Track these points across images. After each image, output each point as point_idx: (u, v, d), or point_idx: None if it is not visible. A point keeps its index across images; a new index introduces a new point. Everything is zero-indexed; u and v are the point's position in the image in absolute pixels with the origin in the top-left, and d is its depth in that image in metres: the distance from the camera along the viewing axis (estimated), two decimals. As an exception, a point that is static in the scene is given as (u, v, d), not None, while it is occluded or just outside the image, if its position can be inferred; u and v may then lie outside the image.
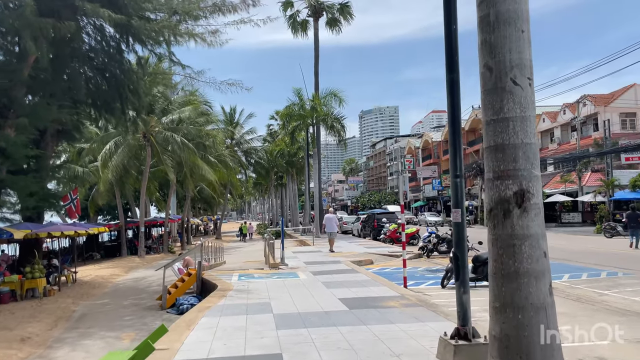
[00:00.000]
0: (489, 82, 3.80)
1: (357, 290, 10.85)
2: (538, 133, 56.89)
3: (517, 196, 3.65)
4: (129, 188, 33.16)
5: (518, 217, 3.65)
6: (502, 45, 3.72)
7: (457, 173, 5.65)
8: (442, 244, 19.68)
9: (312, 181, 40.94)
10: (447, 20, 5.68)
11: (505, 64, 3.72)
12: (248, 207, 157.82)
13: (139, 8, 16.58)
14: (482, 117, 3.90)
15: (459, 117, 5.74)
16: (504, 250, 3.69)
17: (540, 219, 3.71)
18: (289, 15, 39.69)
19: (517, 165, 3.69)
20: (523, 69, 3.71)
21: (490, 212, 3.82)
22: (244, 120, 50.66)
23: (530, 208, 3.65)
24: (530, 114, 3.72)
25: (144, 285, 18.64)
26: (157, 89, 27.06)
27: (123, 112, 19.67)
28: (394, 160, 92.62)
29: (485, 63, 3.81)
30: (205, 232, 65.06)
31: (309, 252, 22.42)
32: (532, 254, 3.63)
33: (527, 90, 3.72)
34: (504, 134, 3.72)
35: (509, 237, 3.68)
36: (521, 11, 3.72)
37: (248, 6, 17.03)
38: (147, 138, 28.05)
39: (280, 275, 14.15)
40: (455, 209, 5.66)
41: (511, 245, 3.66)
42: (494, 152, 3.79)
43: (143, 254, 29.15)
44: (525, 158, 3.69)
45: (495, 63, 3.75)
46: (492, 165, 3.79)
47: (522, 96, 3.70)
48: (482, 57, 3.86)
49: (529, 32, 3.74)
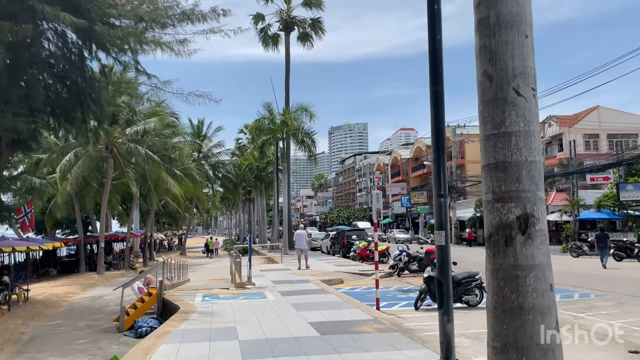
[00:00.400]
0: (488, 92, 3.39)
1: (328, 313, 10.33)
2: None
3: (521, 221, 3.23)
4: (89, 201, 31.86)
5: (522, 244, 3.22)
6: (503, 51, 3.33)
7: (441, 192, 5.24)
8: (413, 262, 19.37)
9: (282, 196, 40.34)
10: (431, 29, 5.31)
11: (508, 72, 3.33)
12: (214, 222, 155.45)
13: (103, 14, 15.88)
14: (480, 131, 3.49)
15: (444, 132, 5.36)
16: (505, 283, 3.25)
17: (546, 247, 3.30)
18: (260, 28, 39.41)
19: (520, 186, 3.27)
20: (527, 78, 3.33)
21: (490, 238, 3.38)
22: (212, 134, 49.82)
23: (535, 235, 3.24)
24: (534, 128, 3.33)
25: (101, 304, 17.74)
26: (121, 98, 26.17)
27: (84, 121, 18.78)
28: (363, 176, 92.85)
29: (485, 71, 3.41)
30: (169, 247, 63.48)
31: (277, 270, 21.77)
32: (538, 287, 3.21)
33: (531, 102, 3.33)
34: (505, 150, 3.31)
35: (511, 267, 3.25)
36: (524, 14, 3.35)
37: (218, 16, 16.52)
38: (110, 149, 27.05)
39: (246, 296, 13.49)
40: (439, 231, 5.23)
41: (514, 277, 3.22)
42: (494, 170, 3.37)
43: (102, 271, 27.92)
44: (530, 178, 3.28)
45: (495, 71, 3.36)
46: (492, 185, 3.37)
47: (526, 108, 3.32)
48: (480, 64, 3.47)
49: (532, 38, 3.37)
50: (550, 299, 3.24)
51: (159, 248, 57.96)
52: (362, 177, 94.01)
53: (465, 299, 11.97)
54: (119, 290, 13.40)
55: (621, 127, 45.26)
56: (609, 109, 47.27)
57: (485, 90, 3.41)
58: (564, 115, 47.30)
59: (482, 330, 9.27)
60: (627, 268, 20.97)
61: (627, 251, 24.34)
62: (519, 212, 3.25)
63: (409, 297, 13.55)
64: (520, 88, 3.30)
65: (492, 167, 3.39)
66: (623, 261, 23.79)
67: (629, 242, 25.32)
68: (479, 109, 3.47)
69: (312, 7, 38.38)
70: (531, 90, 3.33)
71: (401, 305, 12.50)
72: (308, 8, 38.54)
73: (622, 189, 30.29)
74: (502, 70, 3.34)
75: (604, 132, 46.76)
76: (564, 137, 46.29)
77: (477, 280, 12.11)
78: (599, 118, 46.09)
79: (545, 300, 3.21)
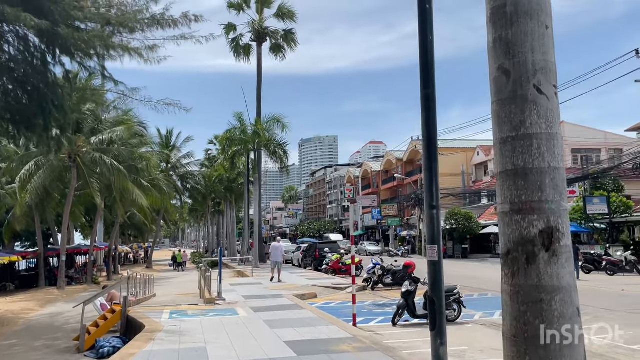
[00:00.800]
0: (505, 90, 3.02)
1: (304, 331, 9.82)
2: (472, 166, 58.77)
3: (544, 236, 2.84)
4: (50, 213, 30.57)
5: (546, 263, 2.83)
6: (522, 43, 2.97)
7: (433, 203, 4.85)
8: (387, 275, 19.00)
9: (252, 208, 39.62)
10: (422, 29, 4.97)
11: (527, 67, 2.97)
12: (182, 234, 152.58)
13: (67, 16, 15.14)
14: (495, 134, 3.11)
15: (435, 138, 4.98)
16: (528, 307, 2.85)
17: (571, 265, 2.92)
18: (232, 38, 38.97)
19: (543, 196, 2.88)
20: (548, 74, 2.98)
21: (507, 255, 2.97)
22: (181, 144, 48.92)
23: (560, 251, 2.86)
24: (557, 131, 2.97)
25: (61, 322, 16.79)
26: (86, 106, 25.22)
27: (46, 129, 17.87)
28: (334, 188, 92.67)
29: (500, 65, 3.04)
30: (135, 260, 61.77)
31: (248, 284, 21.11)
32: (565, 311, 2.82)
33: (554, 101, 2.98)
34: (526, 155, 2.93)
35: (534, 289, 2.85)
36: (544, 3, 3.01)
37: (190, 21, 15.98)
38: (73, 159, 25.99)
39: (217, 313, 12.84)
40: (432, 245, 4.84)
41: (538, 301, 2.82)
42: (513, 178, 2.98)
43: (63, 285, 26.67)
44: (554, 187, 2.90)
45: (513, 65, 2.99)
46: (510, 195, 2.98)
47: (548, 108, 2.96)
48: (495, 58, 3.10)
49: (552, 30, 3.04)
50: (577, 325, 2.86)
51: (124, 261, 56.31)
52: (332, 189, 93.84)
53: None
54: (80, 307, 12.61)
55: (585, 142, 46.39)
56: (573, 125, 48.38)
57: (502, 88, 3.04)
58: (531, 130, 48.20)
59: (464, 348, 8.97)
60: (597, 281, 21.13)
61: (595, 264, 24.63)
62: (542, 226, 2.86)
63: (385, 312, 13.18)
64: (541, 85, 2.95)
65: (511, 174, 3.00)
66: (591, 274, 24.03)
67: (596, 255, 25.65)
68: (493, 108, 3.09)
69: (285, 19, 38.24)
70: (553, 87, 2.98)
71: (378, 321, 12.09)
72: (280, 19, 38.39)
73: (589, 202, 30.83)
74: (521, 65, 2.97)
75: (568, 147, 47.76)
76: (532, 151, 47.11)
77: (455, 294, 11.82)
78: (563, 133, 46.84)
79: (573, 327, 2.82)
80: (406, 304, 11.37)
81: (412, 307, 11.38)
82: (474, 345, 9.10)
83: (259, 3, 38.36)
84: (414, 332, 10.73)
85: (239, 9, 38.20)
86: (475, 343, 9.28)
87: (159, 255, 70.64)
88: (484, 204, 51.44)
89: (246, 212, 41.68)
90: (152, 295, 18.99)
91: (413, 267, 16.15)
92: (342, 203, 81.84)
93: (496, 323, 11.38)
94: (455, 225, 45.15)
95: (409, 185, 57.97)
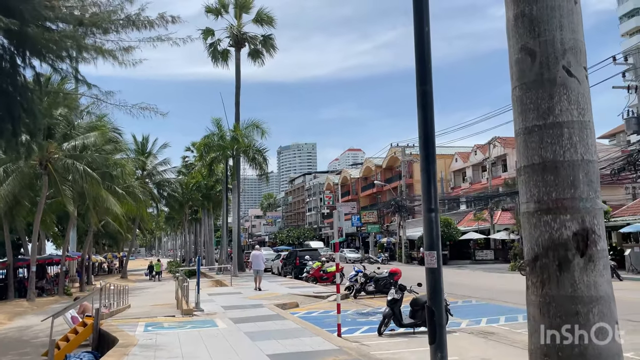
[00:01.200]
0: (529, 72, 2.67)
1: (287, 343, 9.36)
2: (451, 172, 59.12)
3: (579, 239, 2.49)
4: (20, 221, 29.44)
5: (581, 270, 2.47)
6: (549, 19, 2.64)
7: (431, 206, 4.50)
8: (370, 283, 18.64)
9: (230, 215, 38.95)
10: (418, 20, 4.65)
11: (555, 46, 2.63)
12: (158, 243, 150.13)
13: (38, 15, 14.52)
14: (517, 123, 2.76)
15: (433, 138, 4.65)
16: (561, 321, 2.48)
17: (609, 273, 2.58)
18: (210, 43, 38.44)
19: (576, 193, 2.54)
20: (578, 54, 2.65)
21: (535, 262, 2.60)
22: (158, 151, 47.90)
23: (597, 257, 2.50)
24: (589, 118, 2.64)
25: (29, 336, 16.08)
26: (58, 111, 24.43)
27: (14, 134, 17.08)
28: (313, 196, 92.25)
29: (524, 45, 2.70)
30: (109, 270, 60.27)
31: (226, 293, 20.52)
32: (604, 326, 2.48)
33: (585, 85, 2.65)
34: (555, 146, 2.58)
35: (568, 300, 2.48)
36: None
37: (167, 22, 15.44)
38: (44, 165, 25.08)
39: (195, 324, 12.28)
40: (430, 251, 4.49)
41: (573, 314, 2.46)
42: (541, 172, 2.62)
43: (33, 297, 25.65)
44: (588, 182, 2.56)
45: (539, 44, 2.65)
46: (538, 192, 2.63)
47: (580, 93, 2.62)
48: (517, 37, 2.76)
49: (580, 7, 2.71)
50: (617, 341, 2.51)
51: (98, 271, 54.88)
52: (311, 196, 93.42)
53: (431, 322, 11.31)
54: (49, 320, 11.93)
55: (561, 149, 47.01)
56: (549, 131, 49.10)
57: (526, 70, 2.69)
58: (510, 137, 48.62)
59: (454, 358, 8.63)
60: (578, 286, 21.18)
61: (575, 269, 24.72)
62: (576, 227, 2.51)
63: (369, 322, 12.80)
64: (571, 67, 2.61)
65: (538, 169, 2.64)
66: (572, 279, 24.12)
67: (576, 260, 25.76)
68: (516, 94, 2.75)
69: (264, 24, 37.91)
70: (583, 70, 2.64)
71: (363, 331, 11.69)
72: (259, 25, 38.03)
73: (568, 207, 31.01)
74: (548, 44, 2.64)
75: (545, 153, 48.48)
76: (508, 158, 47.61)
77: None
78: (540, 140, 47.72)
79: (614, 343, 2.46)
80: (392, 312, 11.01)
81: (399, 315, 11.02)
82: (464, 355, 8.78)
83: (237, 8, 37.94)
84: (401, 341, 10.37)
85: (217, 14, 37.73)
86: (466, 353, 8.96)
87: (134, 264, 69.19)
88: (463, 210, 51.68)
89: (224, 220, 40.92)
90: (127, 306, 18.30)
91: (399, 275, 15.84)
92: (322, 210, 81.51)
93: (484, 331, 11.13)
94: (434, 231, 45.12)
95: (388, 192, 57.98)
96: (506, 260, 38.13)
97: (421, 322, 11.23)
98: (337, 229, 11.03)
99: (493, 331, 11.01)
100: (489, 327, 11.63)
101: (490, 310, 14.12)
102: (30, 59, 16.00)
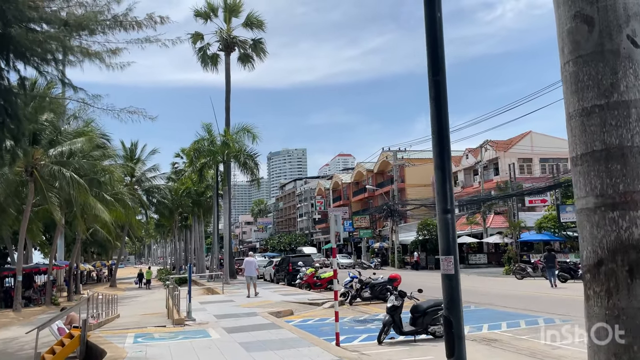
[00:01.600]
0: (587, 44, 2.28)
1: (284, 354, 8.94)
2: (443, 176, 58.98)
3: (653, 240, 2.11)
4: (6, 230, 28.74)
5: None
6: None
7: (447, 207, 4.16)
8: (365, 289, 18.25)
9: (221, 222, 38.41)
10: (429, 5, 4.31)
11: (618, 12, 2.23)
12: (148, 250, 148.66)
13: (21, 16, 14.03)
14: (570, 104, 2.37)
15: (448, 131, 4.30)
16: (634, 340, 2.09)
17: None
18: (199, 48, 37.97)
19: None
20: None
21: (599, 267, 2.20)
22: (147, 157, 47.22)
23: None
24: None
25: (15, 348, 15.51)
26: (44, 116, 23.84)
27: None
28: (304, 201, 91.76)
29: (579, 11, 2.31)
30: (98, 279, 59.34)
31: (219, 301, 20.01)
32: None
33: None
34: (622, 129, 2.18)
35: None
36: None
37: (155, 23, 15.02)
38: (30, 172, 24.44)
39: (187, 335, 11.82)
40: (447, 257, 4.12)
41: None
42: (604, 161, 2.23)
43: (20, 307, 24.92)
44: None
45: (598, 10, 2.27)
46: (601, 184, 2.23)
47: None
48: (569, 3, 2.37)
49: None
50: None
51: (87, 280, 53.94)
52: (302, 202, 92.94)
53: (432, 329, 10.93)
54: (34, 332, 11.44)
55: (553, 152, 47.02)
56: (540, 134, 49.08)
57: (581, 41, 2.30)
58: (500, 140, 48.63)
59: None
60: (574, 289, 20.91)
61: (571, 272, 24.56)
62: (649, 226, 2.13)
63: (368, 329, 12.41)
64: (637, 36, 2.23)
65: (600, 157, 2.24)
66: (568, 282, 23.94)
67: (572, 264, 25.60)
68: (568, 69, 2.37)
69: (254, 28, 37.55)
70: (650, 39, 2.28)
71: (362, 340, 11.29)
72: (249, 29, 37.67)
73: (562, 210, 30.91)
74: (609, 10, 2.25)
75: (536, 156, 48.41)
76: (500, 161, 47.55)
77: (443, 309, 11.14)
78: (531, 142, 47.73)
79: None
80: (392, 320, 10.62)
81: (399, 323, 10.64)
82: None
83: (226, 12, 37.56)
84: (402, 350, 9.98)
85: (206, 18, 37.32)
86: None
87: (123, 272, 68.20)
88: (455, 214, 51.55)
89: (215, 226, 40.37)
90: (116, 316, 17.77)
91: (399, 281, 15.43)
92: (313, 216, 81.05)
93: (486, 337, 10.78)
94: (427, 235, 44.90)
95: (380, 197, 57.74)
96: (499, 264, 37.97)
97: (422, 330, 10.89)
98: (335, 233, 10.62)
99: (496, 338, 10.67)
100: (492, 333, 11.29)
101: (490, 316, 13.81)
102: (15, 62, 15.47)
